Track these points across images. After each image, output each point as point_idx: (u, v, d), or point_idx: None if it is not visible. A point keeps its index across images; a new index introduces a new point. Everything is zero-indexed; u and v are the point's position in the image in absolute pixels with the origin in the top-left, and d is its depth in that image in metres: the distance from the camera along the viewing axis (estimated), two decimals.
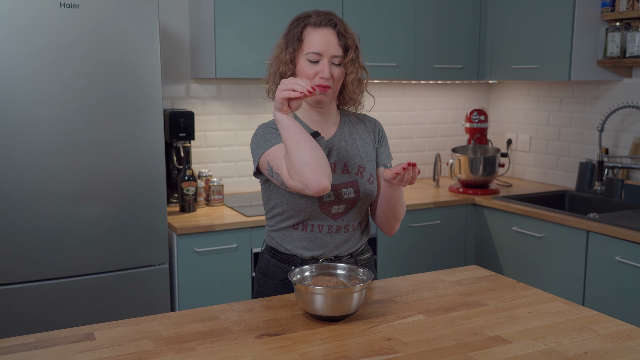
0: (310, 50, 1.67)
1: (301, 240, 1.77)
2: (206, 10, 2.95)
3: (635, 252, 2.57)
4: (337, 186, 1.74)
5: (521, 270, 3.13)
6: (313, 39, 1.67)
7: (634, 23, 3.06)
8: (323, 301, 1.49)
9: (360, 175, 1.77)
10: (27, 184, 2.40)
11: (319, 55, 1.67)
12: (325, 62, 1.67)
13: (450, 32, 3.51)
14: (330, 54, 1.67)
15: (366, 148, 1.82)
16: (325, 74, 1.66)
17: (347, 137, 1.80)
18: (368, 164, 1.80)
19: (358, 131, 1.83)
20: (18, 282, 2.43)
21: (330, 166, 1.72)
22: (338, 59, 1.69)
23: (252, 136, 1.77)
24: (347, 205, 1.76)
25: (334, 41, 1.67)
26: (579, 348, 1.41)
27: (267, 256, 1.85)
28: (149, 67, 2.56)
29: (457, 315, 1.59)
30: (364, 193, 1.77)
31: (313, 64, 1.67)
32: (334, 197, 1.73)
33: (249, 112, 3.33)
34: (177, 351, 1.37)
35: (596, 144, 3.40)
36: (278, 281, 1.80)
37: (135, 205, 2.60)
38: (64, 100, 2.43)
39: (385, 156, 1.86)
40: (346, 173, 1.76)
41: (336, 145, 1.78)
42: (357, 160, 1.78)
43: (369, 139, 1.84)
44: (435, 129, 4.01)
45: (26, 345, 1.40)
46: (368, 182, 1.78)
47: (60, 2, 2.37)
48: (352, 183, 1.75)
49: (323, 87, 1.67)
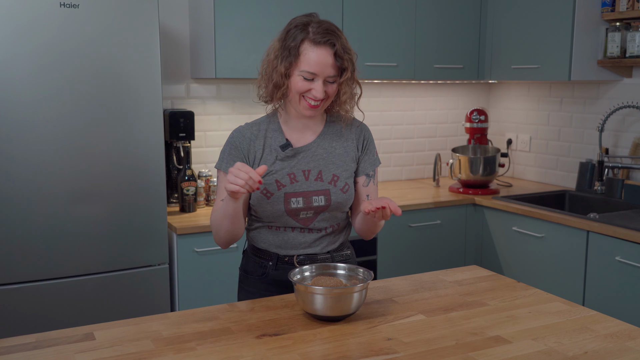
0: (306, 69, 1.66)
1: (274, 239, 1.80)
2: (206, 10, 2.95)
3: (635, 252, 2.57)
4: (308, 193, 1.75)
5: (521, 270, 3.13)
6: (310, 58, 1.65)
7: (634, 23, 3.06)
8: (323, 301, 1.49)
9: (333, 185, 1.78)
10: (27, 184, 2.40)
11: (314, 75, 1.67)
12: (320, 82, 1.67)
13: (450, 32, 3.51)
14: (326, 75, 1.67)
15: (344, 157, 1.81)
16: (319, 94, 1.67)
17: (327, 144, 1.81)
18: (344, 173, 1.80)
19: (341, 139, 1.83)
20: (18, 282, 2.43)
21: (304, 172, 1.76)
22: (333, 78, 1.69)
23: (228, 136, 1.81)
24: (316, 211, 1.77)
25: (330, 62, 1.67)
26: (579, 348, 1.41)
27: (248, 253, 1.90)
28: (149, 67, 2.55)
29: (457, 315, 1.59)
30: (335, 202, 1.78)
31: (307, 80, 1.68)
32: (303, 204, 1.75)
33: (249, 112, 3.32)
34: (177, 351, 1.37)
35: (596, 144, 3.40)
36: (257, 276, 1.84)
37: (135, 205, 2.60)
38: (63, 100, 2.43)
39: (367, 165, 1.85)
40: (319, 181, 1.77)
41: (312, 152, 1.79)
42: (332, 169, 1.79)
43: (350, 147, 1.83)
44: (435, 129, 4.01)
45: (26, 345, 1.40)
46: (341, 192, 1.78)
47: (60, 2, 2.37)
48: (324, 191, 1.77)
49: (313, 106, 1.70)
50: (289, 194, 1.74)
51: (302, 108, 1.71)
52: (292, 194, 1.74)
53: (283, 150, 1.76)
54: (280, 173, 1.75)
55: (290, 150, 1.76)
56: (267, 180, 1.74)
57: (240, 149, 1.77)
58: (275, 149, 1.77)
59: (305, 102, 1.70)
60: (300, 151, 1.78)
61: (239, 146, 1.77)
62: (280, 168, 1.76)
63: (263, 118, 1.85)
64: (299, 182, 1.76)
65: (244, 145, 1.77)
